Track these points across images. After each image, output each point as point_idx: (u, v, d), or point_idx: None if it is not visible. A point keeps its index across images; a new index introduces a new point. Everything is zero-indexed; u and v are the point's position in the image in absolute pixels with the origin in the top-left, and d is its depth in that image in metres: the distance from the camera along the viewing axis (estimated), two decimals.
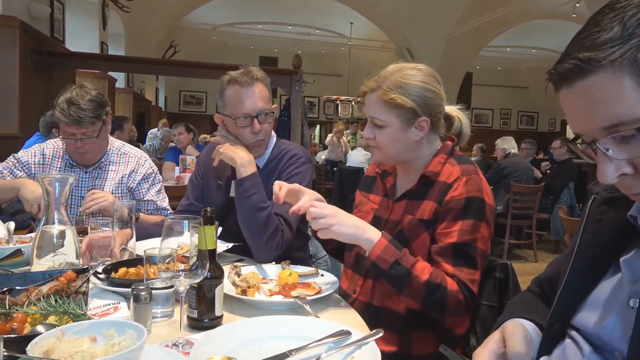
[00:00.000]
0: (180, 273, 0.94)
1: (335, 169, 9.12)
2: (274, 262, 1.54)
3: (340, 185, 8.30)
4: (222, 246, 1.66)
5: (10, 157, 2.09)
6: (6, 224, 1.58)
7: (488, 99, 16.32)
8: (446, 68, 11.49)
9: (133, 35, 9.43)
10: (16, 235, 1.56)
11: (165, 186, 2.34)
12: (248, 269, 1.42)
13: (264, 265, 1.49)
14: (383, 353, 0.91)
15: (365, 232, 1.23)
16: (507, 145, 6.13)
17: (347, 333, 0.97)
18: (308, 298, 1.20)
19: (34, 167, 2.06)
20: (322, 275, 1.43)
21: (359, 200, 1.54)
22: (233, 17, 13.10)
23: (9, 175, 2.02)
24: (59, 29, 5.32)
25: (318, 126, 16.04)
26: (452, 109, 1.46)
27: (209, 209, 1.03)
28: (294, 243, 1.74)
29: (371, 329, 1.05)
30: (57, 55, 4.91)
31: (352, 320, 1.13)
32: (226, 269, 1.35)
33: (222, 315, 1.08)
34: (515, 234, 5.81)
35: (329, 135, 10.35)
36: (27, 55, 4.25)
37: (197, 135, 6.42)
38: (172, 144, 6.13)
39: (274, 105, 1.81)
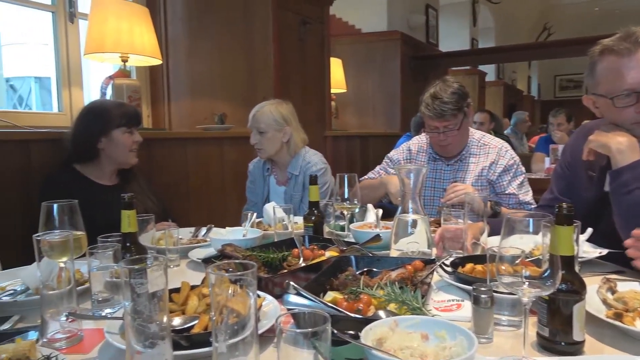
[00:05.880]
0: (524, 280, 0.78)
1: None
2: None
3: None
4: (593, 252, 1.37)
5: (385, 157, 2.38)
6: (376, 210, 1.79)
7: None
8: None
9: (503, 26, 9.33)
10: (383, 222, 1.74)
11: (533, 178, 2.16)
12: (628, 286, 1.09)
13: None
14: None
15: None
16: None
17: None
18: None
19: (403, 163, 2.27)
20: None
21: None
22: None
23: (384, 175, 2.29)
24: (433, 34, 5.80)
25: None
26: None
27: (565, 205, 0.82)
28: None
29: None
30: (431, 58, 5.38)
31: None
32: (597, 281, 1.08)
33: (583, 341, 0.84)
34: None
35: None
36: (406, 62, 4.84)
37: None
38: (544, 135, 5.68)
39: None
